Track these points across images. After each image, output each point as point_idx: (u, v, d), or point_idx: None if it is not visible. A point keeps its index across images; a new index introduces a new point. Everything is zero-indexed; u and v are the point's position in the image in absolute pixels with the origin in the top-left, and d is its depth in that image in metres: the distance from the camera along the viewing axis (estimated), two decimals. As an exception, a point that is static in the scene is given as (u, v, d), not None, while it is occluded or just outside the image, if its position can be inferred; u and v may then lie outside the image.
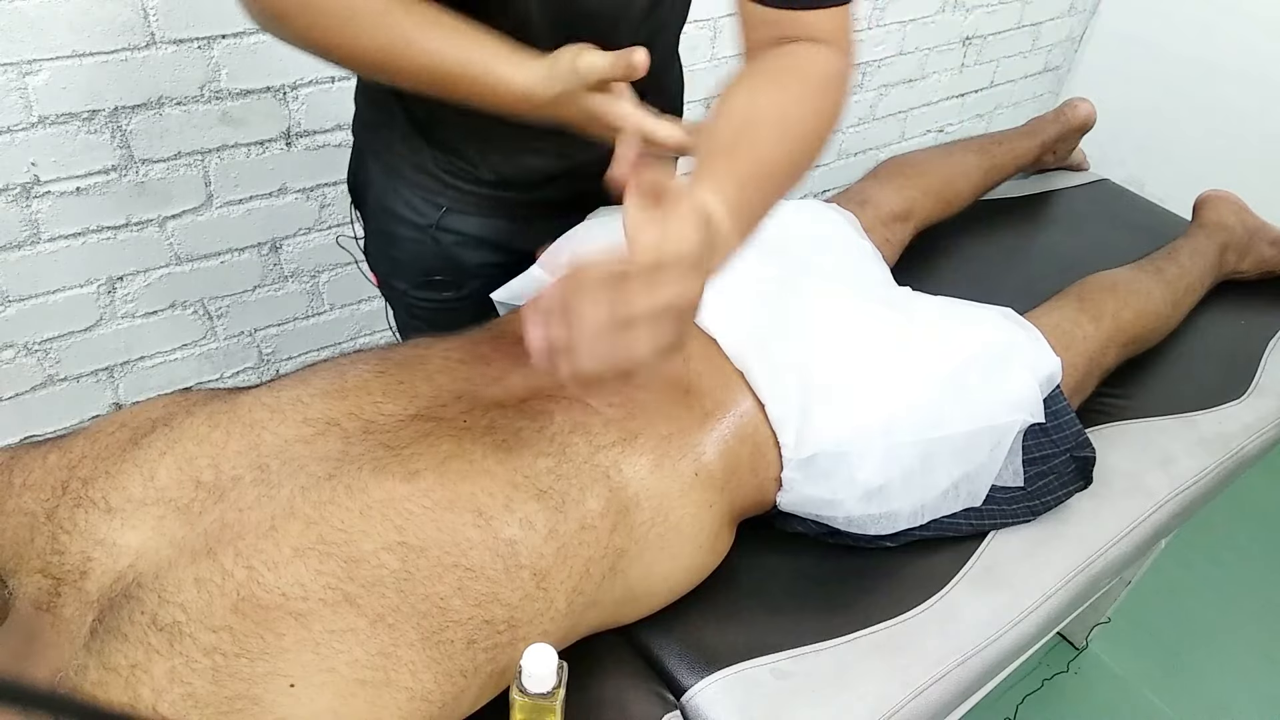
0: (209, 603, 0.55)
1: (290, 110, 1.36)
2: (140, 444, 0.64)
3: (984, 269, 1.37)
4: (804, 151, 0.69)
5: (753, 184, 0.64)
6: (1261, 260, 1.37)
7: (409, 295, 1.01)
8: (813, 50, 0.71)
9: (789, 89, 0.69)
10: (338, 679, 0.55)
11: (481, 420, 0.71)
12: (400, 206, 0.93)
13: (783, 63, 0.70)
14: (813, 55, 0.71)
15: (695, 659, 0.80)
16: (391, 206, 0.94)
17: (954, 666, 0.82)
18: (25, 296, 1.29)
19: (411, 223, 0.94)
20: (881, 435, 0.82)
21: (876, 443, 0.82)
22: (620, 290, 0.52)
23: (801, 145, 0.68)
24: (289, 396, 0.69)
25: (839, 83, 0.72)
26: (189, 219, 1.37)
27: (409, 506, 0.62)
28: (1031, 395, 0.92)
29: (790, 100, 0.68)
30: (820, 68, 0.71)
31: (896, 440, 0.83)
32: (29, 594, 0.59)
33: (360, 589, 0.58)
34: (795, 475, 0.82)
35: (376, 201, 0.97)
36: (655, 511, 0.74)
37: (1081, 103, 1.55)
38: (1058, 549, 0.93)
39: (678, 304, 0.53)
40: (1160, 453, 1.06)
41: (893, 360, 0.87)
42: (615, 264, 0.53)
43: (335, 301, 1.62)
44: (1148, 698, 1.67)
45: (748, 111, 0.68)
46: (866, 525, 0.86)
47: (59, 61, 1.15)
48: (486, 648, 0.62)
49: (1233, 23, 2.30)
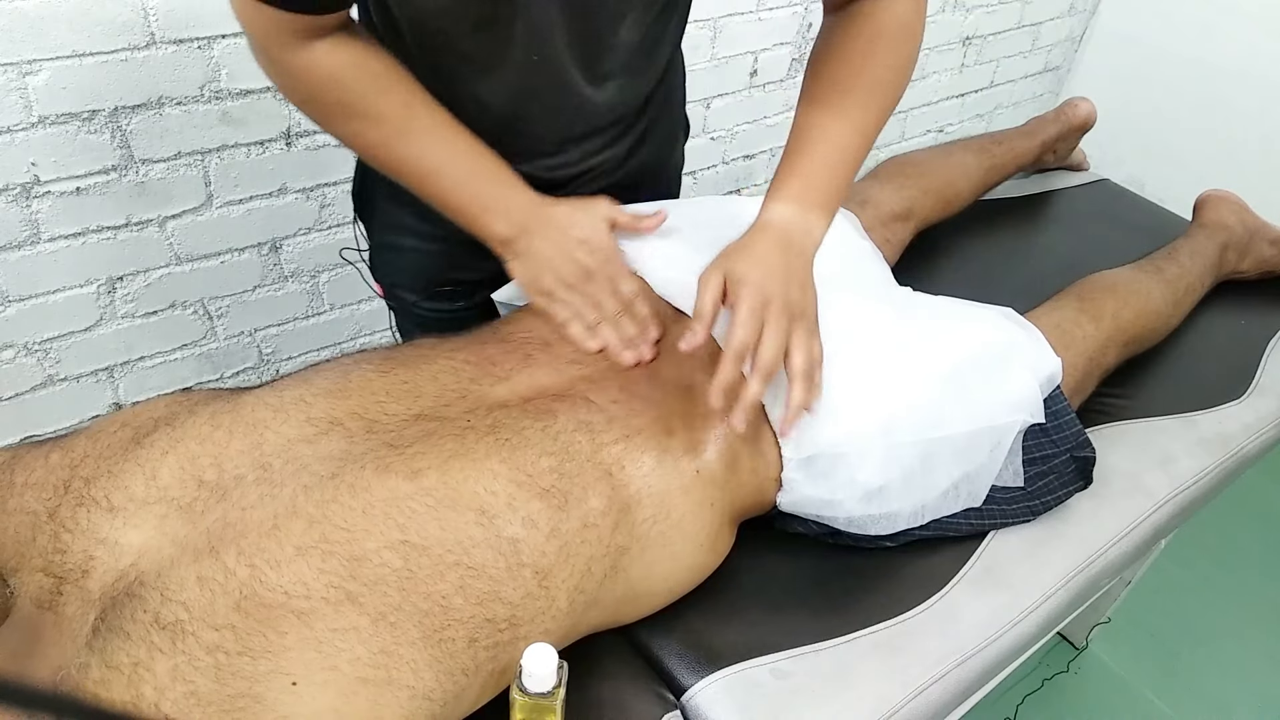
0: (211, 601, 0.55)
1: (290, 110, 1.36)
2: (142, 443, 0.64)
3: (984, 269, 1.37)
4: (882, 106, 0.83)
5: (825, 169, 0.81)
6: (1262, 260, 1.37)
7: (418, 307, 1.01)
8: (881, 3, 0.80)
9: (866, 51, 0.82)
10: (340, 677, 0.55)
11: (485, 420, 0.71)
12: (408, 218, 0.93)
13: (857, 25, 0.81)
14: (881, 8, 0.80)
15: (695, 659, 0.80)
16: (399, 220, 0.94)
17: (954, 666, 0.82)
18: (25, 296, 1.29)
19: (421, 234, 0.94)
20: (881, 435, 0.82)
21: (876, 443, 0.82)
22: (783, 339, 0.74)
23: (880, 101, 0.83)
24: (292, 396, 0.69)
25: (910, 31, 0.83)
26: (189, 219, 1.37)
27: (412, 505, 0.62)
28: (1032, 395, 0.92)
29: (867, 62, 0.82)
30: (890, 19, 0.81)
31: (896, 440, 0.83)
32: (31, 593, 0.59)
33: (362, 587, 0.58)
34: (795, 475, 0.82)
35: (383, 215, 0.97)
36: (657, 509, 0.74)
37: (1082, 102, 1.55)
38: (1058, 549, 0.94)
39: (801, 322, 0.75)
40: (1160, 453, 1.06)
41: (893, 360, 0.87)
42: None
43: (335, 301, 1.62)
44: (1148, 698, 1.67)
45: (826, 87, 0.83)
46: (867, 525, 0.86)
47: (59, 61, 1.15)
48: (488, 646, 0.63)
49: (1233, 23, 2.30)
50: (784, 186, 0.81)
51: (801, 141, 0.83)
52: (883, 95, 0.83)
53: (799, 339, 0.74)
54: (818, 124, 0.82)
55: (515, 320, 0.88)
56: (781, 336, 0.73)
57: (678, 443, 0.77)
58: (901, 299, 0.99)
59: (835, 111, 0.82)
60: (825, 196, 0.81)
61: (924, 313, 0.95)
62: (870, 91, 0.82)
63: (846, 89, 0.82)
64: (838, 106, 0.82)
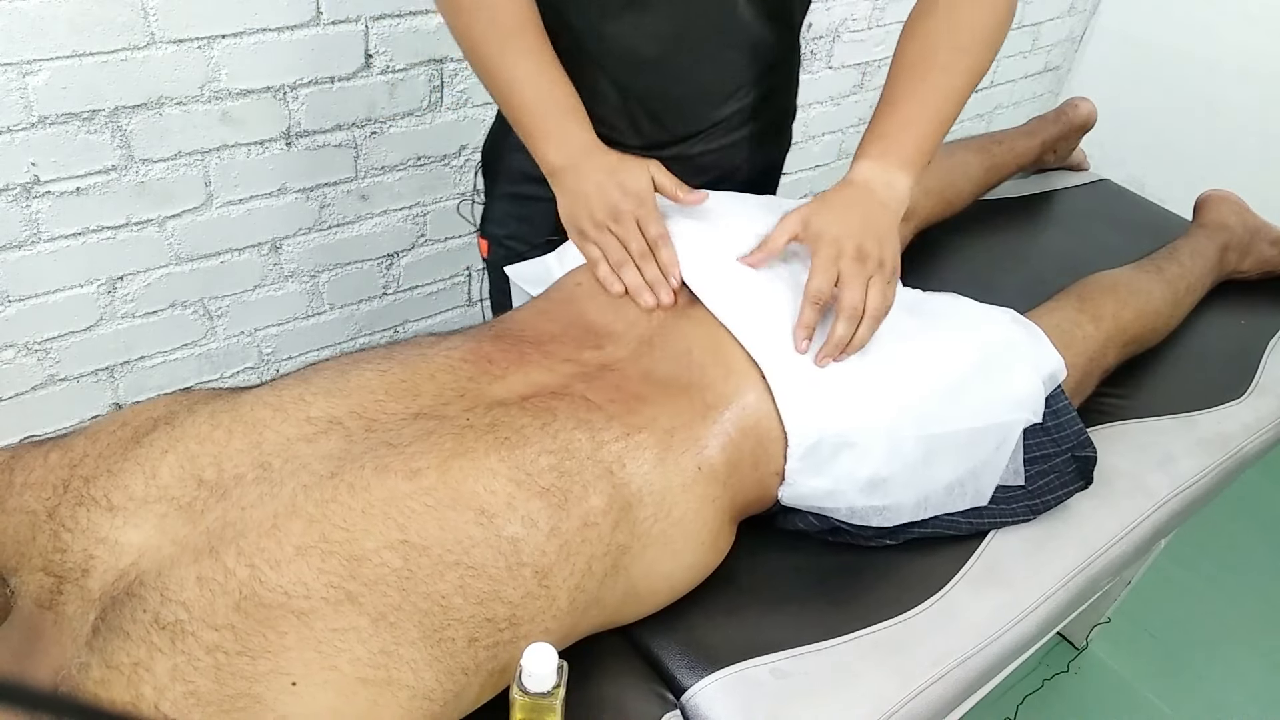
0: (211, 601, 0.55)
1: (290, 110, 1.36)
2: (142, 442, 0.64)
3: (984, 269, 1.37)
4: (970, 68, 0.88)
5: (907, 129, 0.87)
6: (1262, 260, 1.37)
7: (529, 255, 1.06)
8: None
9: (949, 15, 0.87)
10: (339, 677, 0.55)
11: (484, 418, 0.71)
12: (536, 169, 0.96)
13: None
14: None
15: (695, 659, 0.80)
16: (530, 170, 0.98)
17: (954, 666, 0.82)
18: (25, 296, 1.29)
19: (546, 184, 0.97)
20: (887, 428, 0.82)
21: (881, 435, 0.82)
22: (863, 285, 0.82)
23: (967, 62, 0.87)
24: (291, 395, 0.69)
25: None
26: (189, 219, 1.37)
27: (411, 505, 0.62)
28: (1035, 393, 0.92)
29: (951, 26, 0.87)
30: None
31: (900, 434, 0.83)
32: (31, 592, 0.59)
33: (362, 587, 0.58)
34: (797, 466, 0.82)
35: (515, 166, 1.04)
36: (658, 507, 0.74)
37: (1083, 102, 1.55)
38: (1058, 549, 0.94)
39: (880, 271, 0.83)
40: (1160, 453, 1.06)
41: (899, 355, 0.87)
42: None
43: (335, 301, 1.62)
44: (1148, 698, 1.67)
45: (912, 53, 0.89)
46: (869, 517, 0.86)
47: (59, 61, 1.15)
48: (488, 646, 0.63)
49: (1233, 23, 2.30)
50: (869, 146, 0.89)
51: (887, 105, 0.90)
52: (969, 57, 0.88)
53: (876, 285, 0.82)
54: (903, 87, 0.89)
55: (511, 318, 0.89)
56: (860, 282, 0.82)
57: (678, 440, 0.77)
58: (908, 298, 0.99)
59: (919, 75, 0.88)
60: (909, 153, 0.87)
61: (928, 311, 0.96)
62: (954, 54, 0.87)
63: (931, 53, 0.88)
64: (922, 70, 0.88)
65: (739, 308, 0.86)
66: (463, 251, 1.73)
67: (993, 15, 0.88)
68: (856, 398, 0.83)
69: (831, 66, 2.08)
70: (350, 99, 1.41)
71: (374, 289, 1.66)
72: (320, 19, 1.32)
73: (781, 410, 0.81)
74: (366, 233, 1.57)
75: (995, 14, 0.88)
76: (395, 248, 1.63)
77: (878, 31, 2.10)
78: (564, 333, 0.85)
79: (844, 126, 2.24)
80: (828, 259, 0.82)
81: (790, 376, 0.82)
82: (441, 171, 1.59)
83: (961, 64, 0.88)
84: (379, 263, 1.63)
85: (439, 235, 1.67)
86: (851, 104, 2.20)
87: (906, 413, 0.84)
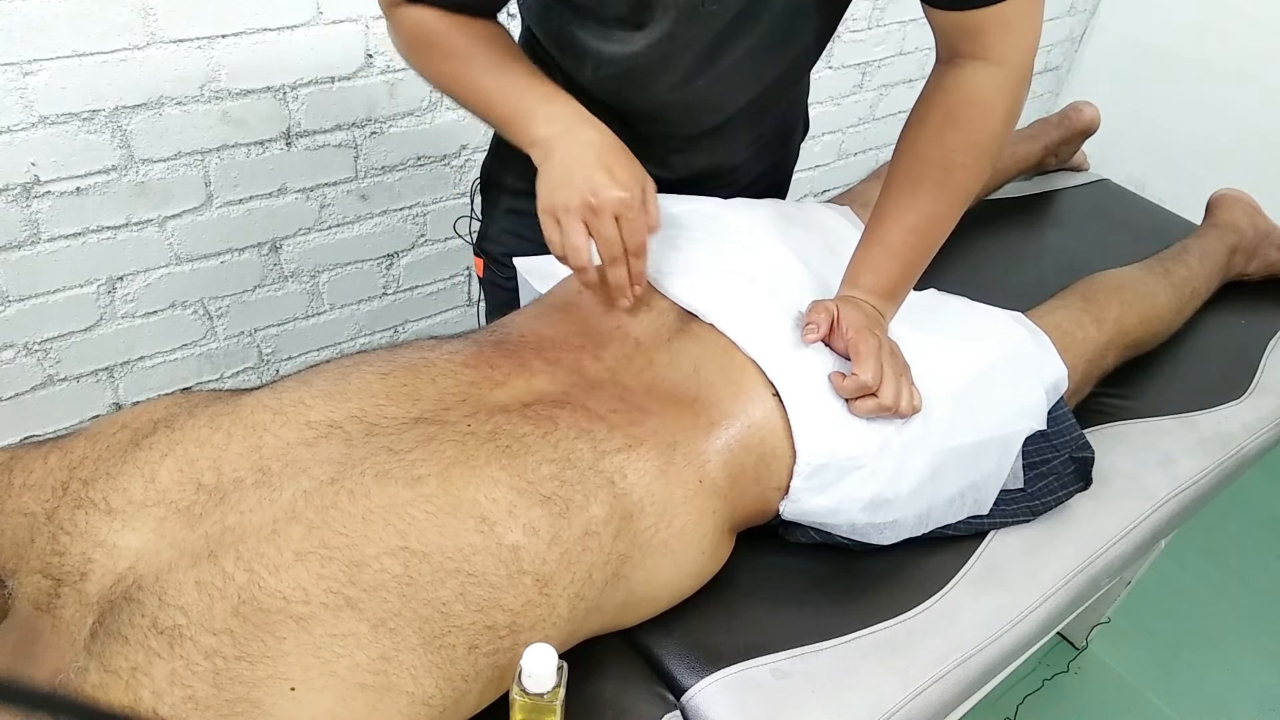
0: (210, 606, 0.55)
1: (290, 110, 1.36)
2: (141, 445, 0.64)
3: (984, 269, 1.37)
4: (959, 187, 0.84)
5: (894, 261, 0.86)
6: (1268, 263, 1.37)
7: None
8: (966, 74, 0.81)
9: (938, 136, 0.83)
10: (338, 683, 0.55)
11: (485, 425, 0.71)
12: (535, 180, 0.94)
13: (935, 102, 0.83)
14: (960, 83, 0.81)
15: (695, 659, 0.80)
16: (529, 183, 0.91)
17: (954, 666, 0.82)
18: (25, 296, 1.29)
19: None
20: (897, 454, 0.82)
21: (891, 459, 0.82)
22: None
23: (956, 183, 0.84)
24: (291, 398, 0.69)
25: (989, 110, 0.82)
26: (189, 219, 1.37)
27: (412, 511, 0.62)
28: (1039, 403, 0.92)
29: (940, 148, 0.83)
30: (966, 97, 0.81)
31: (910, 458, 0.82)
32: (29, 594, 0.59)
33: (362, 593, 0.58)
34: (802, 485, 0.81)
35: (514, 182, 1.04)
36: (659, 518, 0.74)
37: (1086, 106, 1.54)
38: (1058, 549, 0.93)
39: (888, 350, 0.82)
40: (1160, 453, 1.06)
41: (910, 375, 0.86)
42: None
43: (335, 301, 1.62)
44: (1148, 698, 1.67)
45: (901, 173, 0.86)
46: (870, 534, 0.85)
47: (59, 61, 1.15)
48: (488, 652, 0.62)
49: (1233, 23, 2.30)
50: (859, 275, 0.88)
51: (875, 230, 0.88)
52: (958, 178, 0.84)
53: (906, 386, 0.82)
54: (891, 213, 0.87)
55: (513, 322, 0.88)
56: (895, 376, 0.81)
57: (681, 454, 0.76)
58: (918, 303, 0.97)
59: (907, 200, 0.85)
60: (894, 287, 0.87)
61: (937, 321, 0.95)
62: (943, 177, 0.84)
63: (919, 177, 0.85)
64: (910, 195, 0.85)
65: (752, 328, 0.85)
66: (463, 252, 1.73)
67: (982, 135, 0.82)
68: (869, 424, 0.82)
69: (831, 66, 2.08)
70: (350, 99, 1.41)
71: (374, 289, 1.66)
72: (320, 19, 1.32)
73: (795, 431, 0.80)
74: (366, 233, 1.57)
75: (985, 132, 0.82)
76: (395, 248, 1.63)
77: (878, 31, 2.10)
78: (565, 340, 0.84)
79: (844, 126, 2.24)
80: (871, 351, 0.80)
81: (806, 399, 0.81)
82: (441, 171, 1.58)
83: (951, 186, 0.84)
84: (379, 263, 1.63)
85: (439, 235, 1.67)
86: (851, 104, 2.20)
87: (918, 433, 0.83)
